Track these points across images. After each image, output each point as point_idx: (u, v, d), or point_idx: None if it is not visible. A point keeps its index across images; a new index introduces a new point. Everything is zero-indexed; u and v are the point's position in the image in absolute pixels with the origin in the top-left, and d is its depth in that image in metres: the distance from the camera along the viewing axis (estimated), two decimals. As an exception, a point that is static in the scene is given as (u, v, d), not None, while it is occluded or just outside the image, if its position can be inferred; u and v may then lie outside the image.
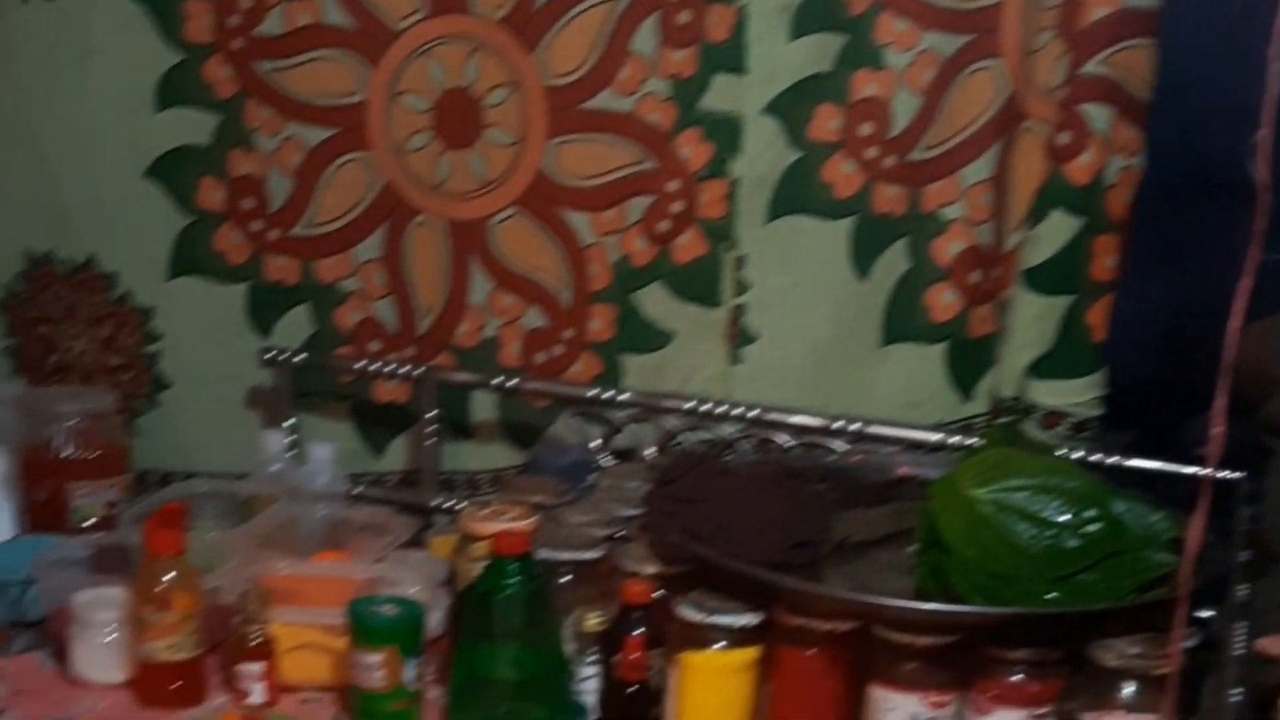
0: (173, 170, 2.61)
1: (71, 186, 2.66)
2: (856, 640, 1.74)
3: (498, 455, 2.59)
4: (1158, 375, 2.25)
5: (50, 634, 2.11)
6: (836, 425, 2.25)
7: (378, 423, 2.64)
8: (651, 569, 1.92)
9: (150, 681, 1.98)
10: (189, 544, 1.98)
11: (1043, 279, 2.23)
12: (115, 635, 2.01)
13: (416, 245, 2.54)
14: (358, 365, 2.56)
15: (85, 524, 2.41)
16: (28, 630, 2.16)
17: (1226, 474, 1.79)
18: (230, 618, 2.01)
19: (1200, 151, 2.19)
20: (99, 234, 2.67)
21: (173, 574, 1.95)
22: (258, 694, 1.96)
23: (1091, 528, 1.75)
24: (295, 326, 2.62)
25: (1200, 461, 1.71)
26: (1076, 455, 2.05)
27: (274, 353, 2.57)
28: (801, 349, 2.40)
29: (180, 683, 1.97)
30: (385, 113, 2.50)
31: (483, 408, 2.57)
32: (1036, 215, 2.22)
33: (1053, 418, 2.22)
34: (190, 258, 2.64)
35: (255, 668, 1.97)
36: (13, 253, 2.73)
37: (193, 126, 2.58)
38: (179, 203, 2.62)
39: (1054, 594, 1.71)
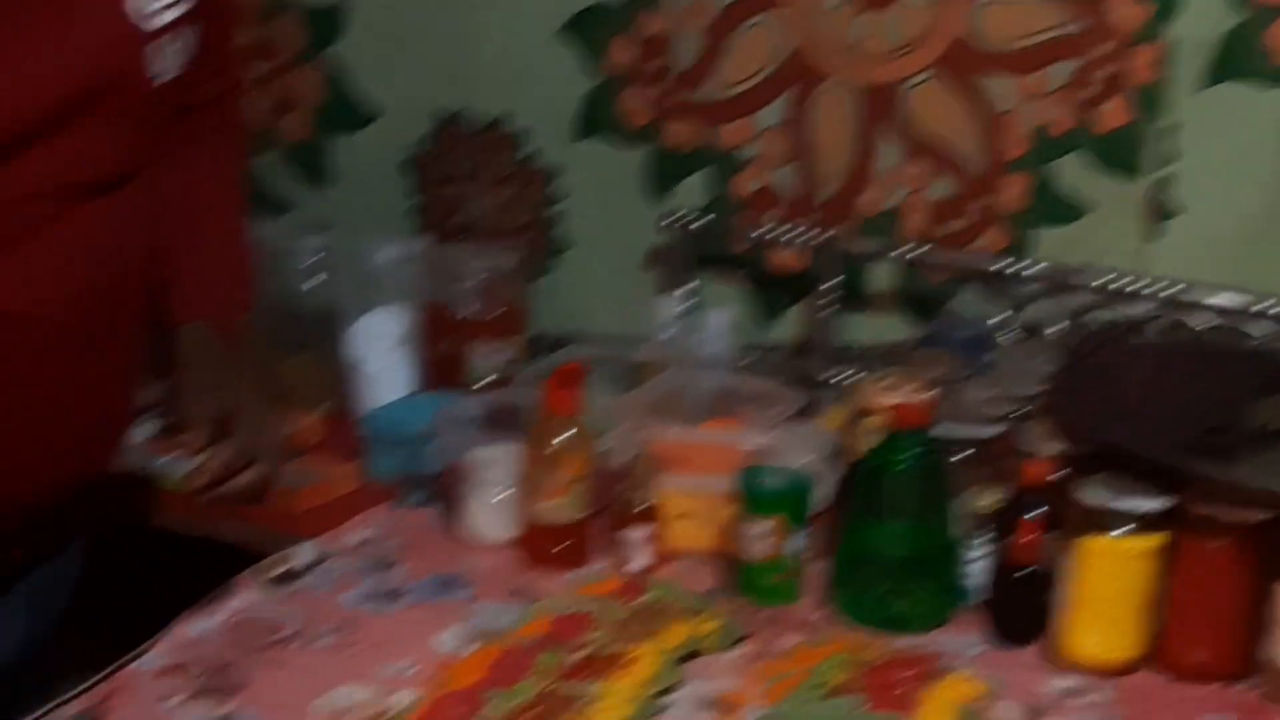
0: (585, 29, 2.60)
1: (485, 45, 2.67)
2: (1269, 533, 1.61)
3: (893, 328, 2.51)
4: None
5: (442, 490, 2.13)
6: (1261, 306, 2.11)
7: (772, 292, 2.59)
8: (1052, 450, 1.81)
9: (536, 542, 1.97)
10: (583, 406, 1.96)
11: None
12: (505, 494, 2.01)
13: (822, 111, 2.47)
14: (756, 232, 2.51)
15: (480, 383, 2.43)
16: (421, 485, 2.18)
17: None
18: (617, 482, 1.99)
19: None
20: (509, 93, 2.68)
21: (566, 434, 1.93)
22: (640, 560, 1.94)
23: None
24: (693, 192, 2.58)
25: None
26: None
27: (673, 217, 2.54)
28: (1228, 225, 2.25)
29: (566, 544, 1.96)
30: (802, -30, 2.43)
31: (880, 279, 2.50)
32: None
33: None
34: (596, 119, 2.63)
35: (639, 533, 1.94)
36: (423, 111, 2.76)
37: (607, -16, 2.56)
38: (589, 63, 2.60)
39: None
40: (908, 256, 2.38)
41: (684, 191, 2.59)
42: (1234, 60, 2.21)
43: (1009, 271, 2.30)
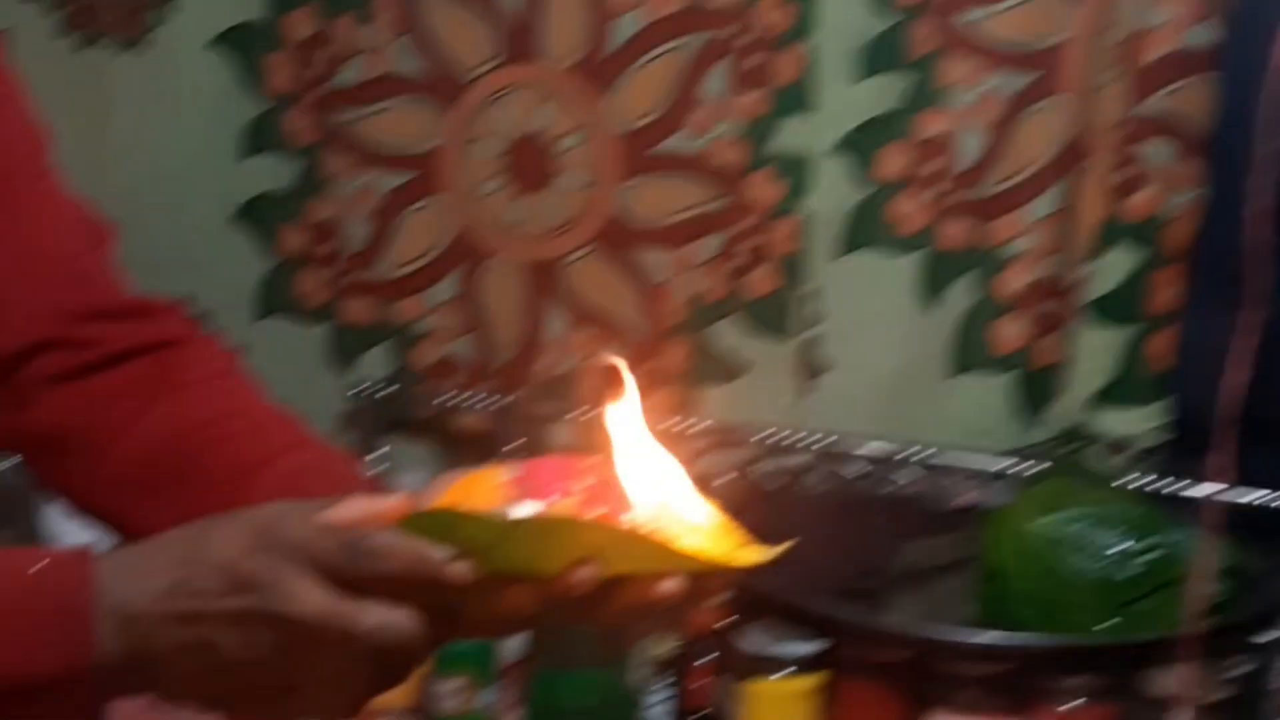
0: (257, 215, 2.68)
1: (163, 233, 2.69)
2: (918, 667, 1.77)
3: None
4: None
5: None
6: (905, 454, 2.30)
7: (461, 454, 2.64)
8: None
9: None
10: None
11: (1106, 310, 2.27)
12: None
13: (491, 286, 2.59)
14: (440, 399, 2.61)
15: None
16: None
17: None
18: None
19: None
20: (191, 277, 2.70)
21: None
22: None
23: (1148, 556, 1.78)
24: (376, 363, 2.68)
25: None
26: (1137, 483, 2.08)
27: (359, 388, 2.65)
28: (872, 380, 2.43)
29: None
30: (459, 158, 2.56)
31: (564, 437, 2.56)
32: (1100, 249, 2.26)
33: (1117, 446, 2.26)
34: (274, 300, 2.71)
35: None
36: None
37: (275, 173, 2.65)
38: (263, 246, 2.69)
39: (1111, 622, 1.74)
40: (583, 418, 2.50)
41: (368, 363, 2.67)
42: (863, 230, 2.40)
43: (676, 430, 2.44)
